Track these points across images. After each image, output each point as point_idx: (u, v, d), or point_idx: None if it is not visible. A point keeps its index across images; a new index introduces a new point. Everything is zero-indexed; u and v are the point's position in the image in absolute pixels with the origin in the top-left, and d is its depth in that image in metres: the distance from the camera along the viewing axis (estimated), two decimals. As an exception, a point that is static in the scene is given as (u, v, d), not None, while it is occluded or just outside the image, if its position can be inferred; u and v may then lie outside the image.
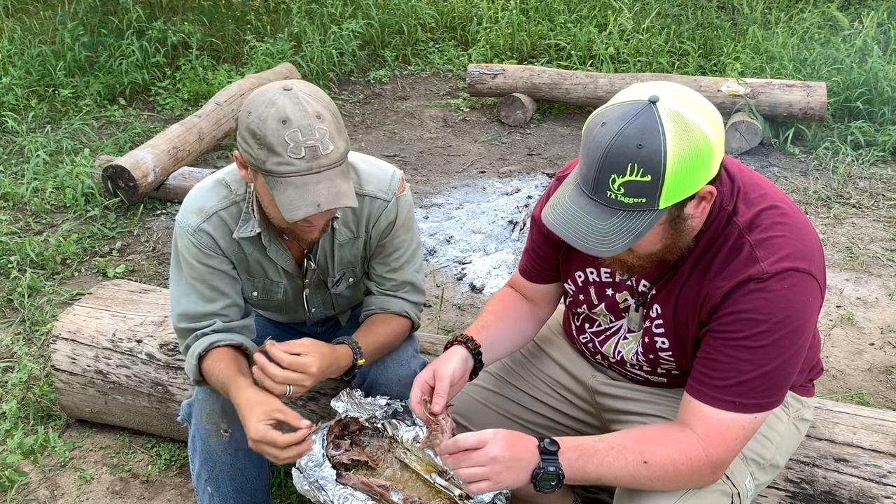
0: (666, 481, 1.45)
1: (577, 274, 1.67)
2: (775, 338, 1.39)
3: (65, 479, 2.44)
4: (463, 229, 4.01)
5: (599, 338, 1.72)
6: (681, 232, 1.40)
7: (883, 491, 1.73)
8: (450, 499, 1.67)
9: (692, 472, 1.44)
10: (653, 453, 1.43)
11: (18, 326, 3.21)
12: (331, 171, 1.56)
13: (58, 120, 5.29)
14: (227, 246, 1.79)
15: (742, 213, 1.44)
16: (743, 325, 1.40)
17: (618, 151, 1.27)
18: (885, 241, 3.84)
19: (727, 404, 1.42)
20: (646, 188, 1.28)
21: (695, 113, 1.30)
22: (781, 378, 1.43)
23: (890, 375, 2.90)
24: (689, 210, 1.36)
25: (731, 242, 1.43)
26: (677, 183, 1.29)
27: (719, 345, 1.43)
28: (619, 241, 1.32)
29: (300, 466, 1.68)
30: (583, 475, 1.44)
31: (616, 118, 1.29)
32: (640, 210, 1.30)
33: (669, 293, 1.52)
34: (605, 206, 1.32)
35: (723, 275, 1.43)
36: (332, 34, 6.21)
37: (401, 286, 1.94)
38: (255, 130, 1.54)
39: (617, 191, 1.29)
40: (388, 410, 1.82)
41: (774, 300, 1.38)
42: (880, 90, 4.96)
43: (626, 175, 1.27)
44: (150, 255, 3.80)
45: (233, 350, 1.79)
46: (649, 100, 1.29)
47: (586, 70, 5.70)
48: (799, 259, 1.40)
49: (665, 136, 1.26)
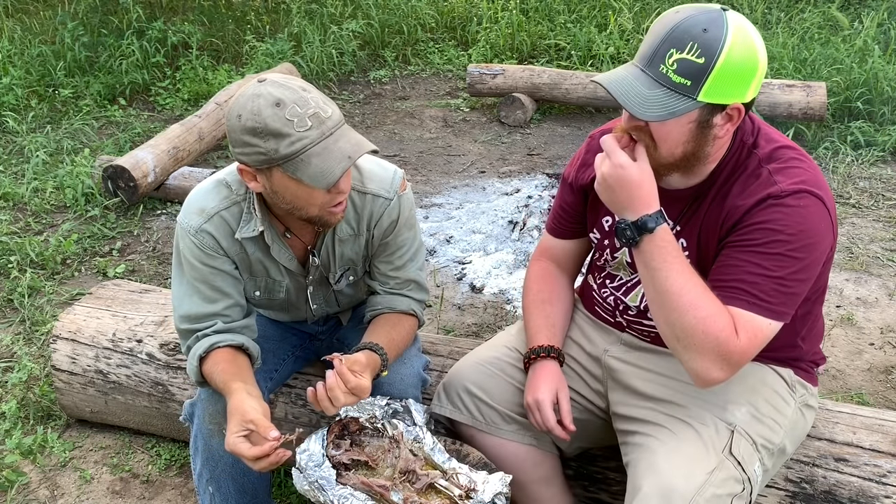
0: (689, 333, 1.45)
1: (605, 219, 1.76)
2: (788, 248, 1.47)
3: (65, 479, 2.44)
4: (463, 229, 4.01)
5: (621, 291, 1.77)
6: (704, 141, 1.49)
7: (883, 491, 1.73)
8: (450, 499, 1.67)
9: (718, 347, 1.44)
10: (707, 301, 1.46)
11: (18, 326, 3.21)
12: (340, 129, 1.59)
13: (58, 120, 5.29)
14: (228, 246, 1.79)
15: (762, 147, 1.56)
16: (759, 233, 1.49)
17: (685, 29, 1.40)
18: (885, 241, 3.84)
19: (742, 302, 1.48)
20: (695, 71, 1.40)
21: (756, 36, 1.44)
22: (789, 289, 1.49)
23: (890, 375, 2.90)
24: (717, 121, 1.46)
25: (751, 170, 1.55)
26: (722, 80, 1.40)
27: (734, 251, 1.52)
28: (656, 111, 1.42)
29: (300, 466, 1.68)
30: (648, 258, 1.48)
31: (690, 8, 1.44)
32: (682, 93, 1.41)
33: (693, 226, 1.60)
34: (654, 78, 1.43)
35: (743, 195, 1.53)
36: (332, 34, 6.21)
37: (405, 284, 1.94)
38: (255, 126, 1.54)
39: (670, 66, 1.41)
40: (388, 410, 1.82)
41: (790, 213, 1.48)
42: (880, 90, 4.96)
43: (685, 52, 1.40)
44: (151, 255, 3.80)
45: (233, 351, 1.79)
46: (722, 7, 1.43)
47: (586, 70, 5.71)
48: (814, 186, 1.50)
49: (728, 33, 1.40)
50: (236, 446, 1.57)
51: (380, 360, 1.77)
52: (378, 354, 1.76)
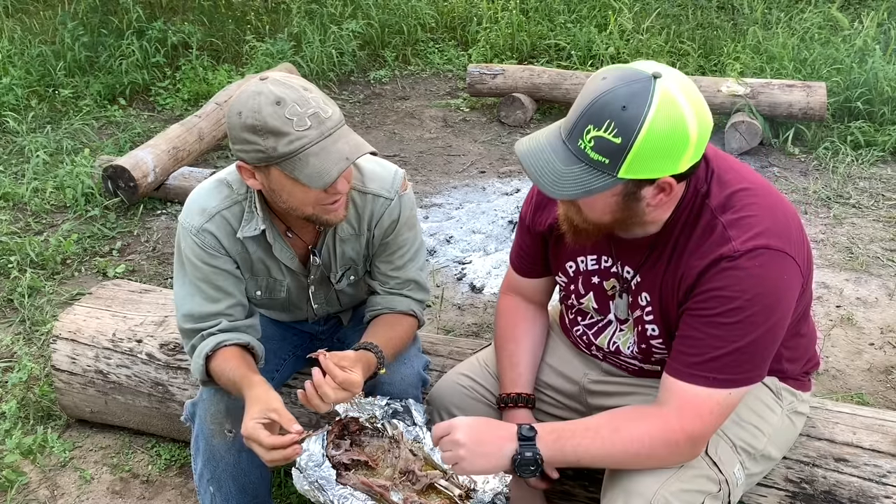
0: (643, 458, 1.47)
1: (568, 264, 1.70)
2: (747, 314, 1.41)
3: (65, 479, 2.44)
4: (463, 229, 4.01)
5: (592, 330, 1.74)
6: (633, 212, 1.43)
7: (883, 491, 1.73)
8: (450, 499, 1.67)
9: (669, 446, 1.46)
10: (628, 429, 1.46)
11: (18, 326, 3.21)
12: (339, 130, 1.58)
13: (58, 120, 5.28)
14: (230, 245, 1.79)
15: (715, 194, 1.47)
16: (715, 302, 1.43)
17: (603, 105, 1.32)
18: (885, 241, 3.84)
19: (701, 379, 1.44)
20: (613, 150, 1.32)
21: (688, 106, 1.32)
22: (755, 354, 1.45)
23: (890, 375, 2.90)
24: (646, 194, 1.39)
25: (704, 223, 1.46)
26: (642, 158, 1.32)
27: (694, 322, 1.46)
28: (571, 189, 1.36)
29: (300, 466, 1.68)
30: (561, 457, 1.49)
31: (616, 77, 1.34)
32: (600, 169, 1.34)
33: (654, 280, 1.55)
34: (572, 153, 1.36)
35: (697, 254, 1.46)
36: (332, 34, 6.21)
37: (405, 284, 1.94)
38: (254, 123, 1.54)
39: (588, 142, 1.33)
40: (388, 410, 1.82)
41: (745, 278, 1.40)
42: (880, 90, 4.96)
43: (601, 130, 1.32)
44: (151, 255, 3.80)
45: (240, 349, 1.79)
46: (653, 74, 1.32)
47: (586, 70, 5.70)
48: (772, 237, 1.42)
49: (650, 109, 1.30)
50: (255, 431, 1.56)
51: (374, 358, 1.77)
52: (373, 352, 1.77)
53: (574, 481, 1.98)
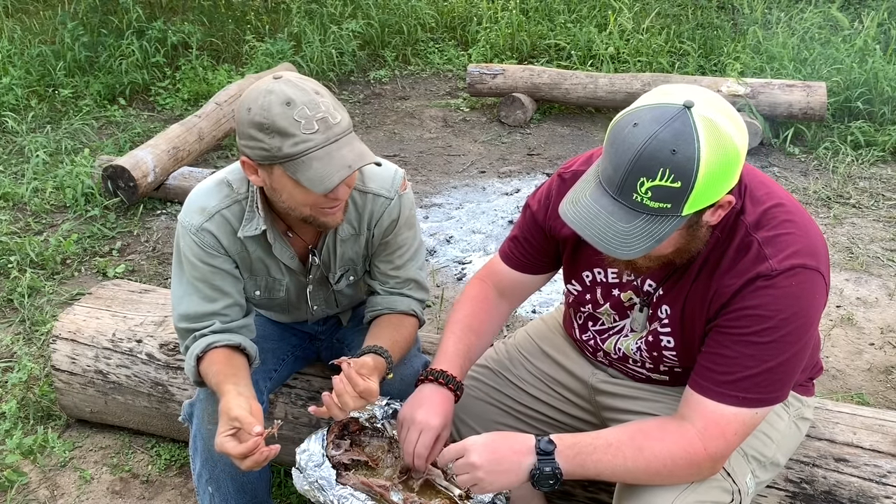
0: (664, 476, 1.45)
1: (585, 274, 1.67)
2: (781, 334, 1.39)
3: (65, 479, 2.44)
4: (463, 229, 4.01)
5: (602, 336, 1.72)
6: (695, 237, 1.40)
7: (883, 491, 1.73)
8: (450, 499, 1.67)
9: (691, 466, 1.44)
10: (651, 448, 1.44)
11: (18, 326, 3.21)
12: (346, 137, 1.58)
13: (58, 120, 5.29)
14: (230, 245, 1.79)
15: (749, 211, 1.44)
16: (750, 320, 1.40)
17: (651, 155, 1.25)
18: (885, 241, 3.84)
19: (730, 398, 1.42)
20: (674, 194, 1.27)
21: (726, 121, 1.29)
22: (785, 374, 1.43)
23: (890, 375, 2.90)
24: (707, 217, 1.36)
25: (739, 240, 1.43)
26: (705, 191, 1.28)
27: (725, 339, 1.43)
28: (641, 244, 1.31)
29: (300, 466, 1.67)
30: (581, 472, 1.45)
31: (650, 120, 1.27)
32: (663, 215, 1.29)
33: (678, 294, 1.52)
34: (629, 208, 1.30)
35: (732, 272, 1.43)
36: (332, 34, 6.21)
37: (405, 283, 1.94)
38: (262, 121, 1.54)
39: (644, 194, 1.28)
40: (387, 410, 1.81)
41: (782, 297, 1.38)
42: (880, 90, 4.96)
43: (657, 180, 1.26)
44: (150, 255, 3.80)
45: (229, 351, 1.79)
46: (684, 104, 1.27)
47: (586, 70, 5.70)
48: (807, 256, 1.40)
49: (700, 143, 1.25)
50: (223, 445, 1.57)
51: (385, 364, 1.76)
52: (383, 357, 1.76)
53: (574, 481, 1.98)
